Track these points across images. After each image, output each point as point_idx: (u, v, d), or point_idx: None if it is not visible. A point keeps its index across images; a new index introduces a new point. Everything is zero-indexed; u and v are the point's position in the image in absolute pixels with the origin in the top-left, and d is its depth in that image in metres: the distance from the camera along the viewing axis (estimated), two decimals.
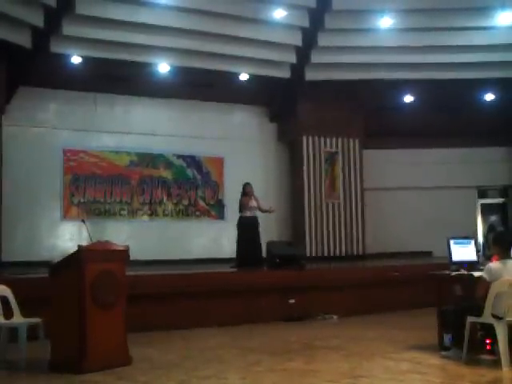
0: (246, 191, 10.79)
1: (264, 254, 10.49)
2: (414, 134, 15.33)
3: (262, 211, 10.99)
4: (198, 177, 14.85)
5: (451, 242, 6.78)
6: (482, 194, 16.86)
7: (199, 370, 5.80)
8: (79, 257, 5.80)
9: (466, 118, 15.25)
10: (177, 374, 5.66)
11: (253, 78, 14.03)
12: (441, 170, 15.89)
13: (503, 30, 13.42)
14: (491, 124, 15.42)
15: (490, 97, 15.50)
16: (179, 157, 14.65)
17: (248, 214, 10.72)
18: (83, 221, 8.12)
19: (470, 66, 14.14)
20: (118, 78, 13.25)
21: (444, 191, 15.90)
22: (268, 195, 14.83)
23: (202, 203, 14.83)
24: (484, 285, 5.69)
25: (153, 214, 14.25)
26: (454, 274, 6.49)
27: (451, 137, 15.48)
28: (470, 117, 15.25)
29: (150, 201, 14.25)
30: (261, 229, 10.88)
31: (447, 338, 6.17)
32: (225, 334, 8.01)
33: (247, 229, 10.66)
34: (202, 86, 14.06)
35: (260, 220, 10.98)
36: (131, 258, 6.39)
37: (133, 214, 14.04)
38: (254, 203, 10.76)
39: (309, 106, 14.84)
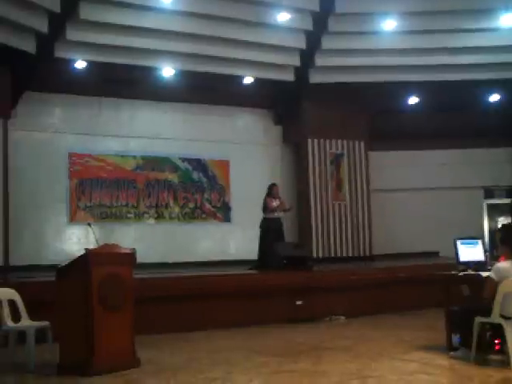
0: (272, 192, 10.66)
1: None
2: (419, 136, 15.27)
3: (285, 211, 10.83)
4: (204, 180, 14.84)
5: (458, 242, 6.75)
6: (489, 194, 16.80)
7: (206, 372, 5.80)
8: (86, 260, 5.81)
9: (471, 118, 15.19)
10: (184, 377, 5.67)
11: (257, 81, 14.04)
12: (447, 170, 15.86)
13: (507, 31, 13.42)
14: (497, 125, 15.37)
15: (494, 98, 15.46)
16: (185, 160, 14.65)
17: (272, 215, 10.60)
18: (89, 224, 8.14)
19: (475, 68, 14.11)
20: (123, 82, 13.27)
21: (450, 192, 15.84)
22: None
23: (208, 206, 14.83)
24: (492, 285, 5.66)
25: (159, 217, 14.27)
26: (461, 274, 6.47)
27: (457, 138, 15.43)
28: (475, 118, 15.20)
29: (157, 204, 14.25)
30: None
31: (455, 339, 6.17)
32: (232, 336, 8.00)
33: (271, 230, 10.55)
34: (207, 90, 14.06)
35: None
36: (138, 261, 6.40)
37: (139, 217, 14.07)
38: (278, 204, 10.62)
39: (313, 108, 14.83)
